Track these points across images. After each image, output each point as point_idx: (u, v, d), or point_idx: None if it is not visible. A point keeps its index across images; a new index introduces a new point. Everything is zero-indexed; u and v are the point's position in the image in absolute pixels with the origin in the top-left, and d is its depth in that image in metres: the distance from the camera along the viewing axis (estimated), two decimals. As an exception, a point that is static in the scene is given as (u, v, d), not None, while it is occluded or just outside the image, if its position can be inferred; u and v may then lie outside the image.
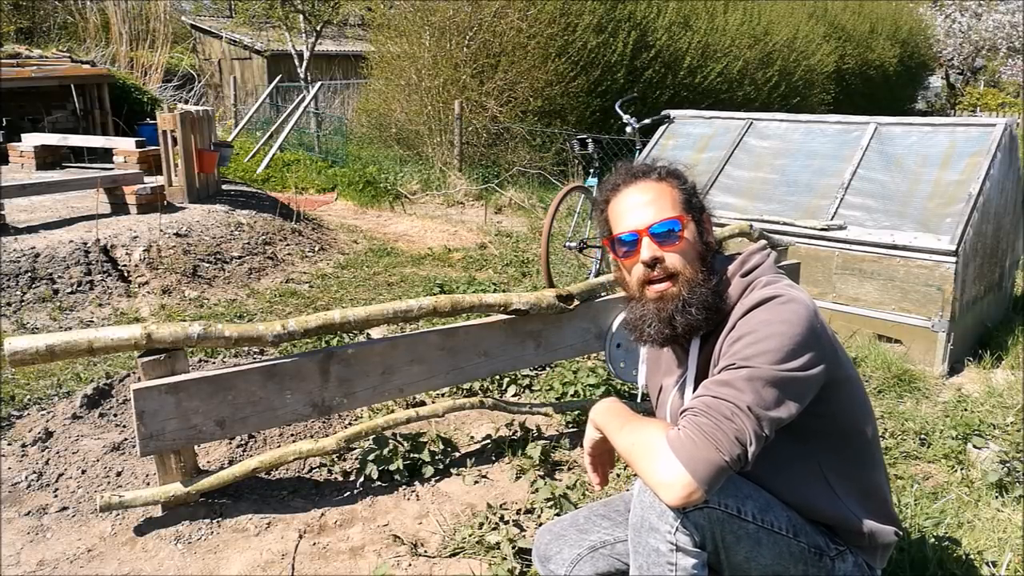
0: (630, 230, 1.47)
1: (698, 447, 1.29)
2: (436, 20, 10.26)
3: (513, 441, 2.83)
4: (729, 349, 1.38)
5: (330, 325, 2.36)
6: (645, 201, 1.48)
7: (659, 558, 1.38)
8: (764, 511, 1.43)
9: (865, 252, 4.15)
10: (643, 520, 1.41)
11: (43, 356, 2.05)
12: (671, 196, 1.49)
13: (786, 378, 1.33)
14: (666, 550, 1.37)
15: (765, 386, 1.32)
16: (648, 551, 1.40)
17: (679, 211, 1.47)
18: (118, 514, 2.31)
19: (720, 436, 1.29)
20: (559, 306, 2.74)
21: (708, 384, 1.37)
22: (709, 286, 1.45)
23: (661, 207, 1.47)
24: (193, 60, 19.07)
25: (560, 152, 9.75)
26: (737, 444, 1.29)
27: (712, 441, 1.29)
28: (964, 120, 4.51)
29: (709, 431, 1.30)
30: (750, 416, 1.30)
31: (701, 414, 1.32)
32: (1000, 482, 2.61)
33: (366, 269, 5.80)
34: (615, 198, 1.53)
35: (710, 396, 1.34)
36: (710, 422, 1.30)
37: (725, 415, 1.30)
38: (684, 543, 1.37)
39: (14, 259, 4.57)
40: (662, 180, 1.51)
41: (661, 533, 1.38)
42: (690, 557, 1.38)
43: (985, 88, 24.50)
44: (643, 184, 1.50)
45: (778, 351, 1.33)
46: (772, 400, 1.32)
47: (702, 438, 1.29)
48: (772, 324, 1.35)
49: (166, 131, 6.16)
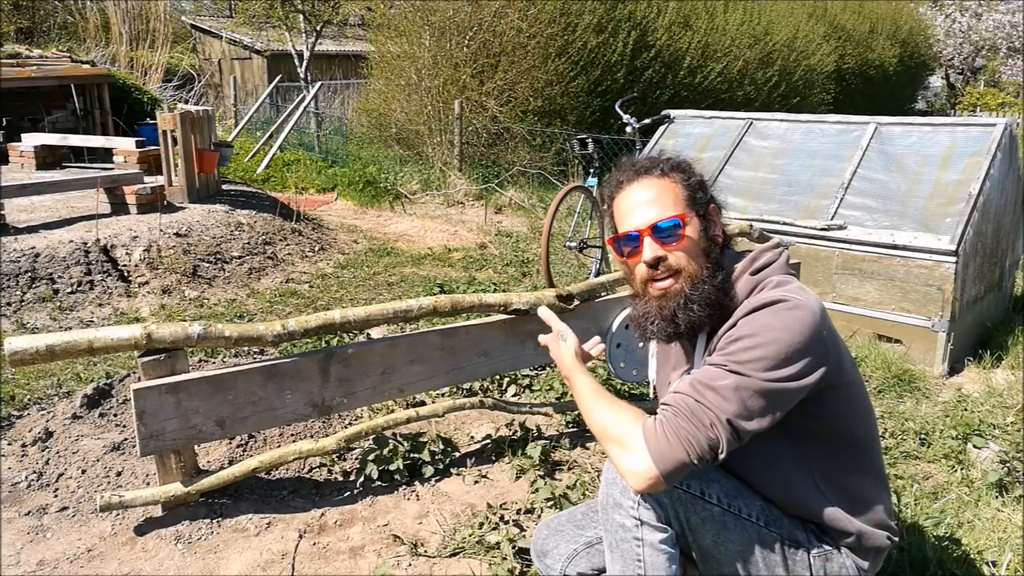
0: (632, 230, 1.47)
1: (672, 447, 1.31)
2: (436, 20, 10.26)
3: (513, 441, 2.83)
4: (726, 346, 1.38)
5: (330, 325, 2.36)
6: (647, 199, 1.47)
7: (625, 533, 1.42)
8: (732, 496, 1.45)
9: (865, 252, 4.15)
10: (608, 496, 1.45)
11: (43, 356, 2.05)
12: (674, 193, 1.48)
13: (775, 389, 1.32)
14: (631, 525, 1.41)
15: (752, 396, 1.32)
16: (615, 527, 1.43)
17: (682, 208, 1.46)
18: (118, 514, 2.31)
19: (694, 442, 1.31)
20: (559, 306, 2.74)
21: (695, 382, 1.37)
22: (714, 283, 1.44)
23: (663, 205, 1.46)
24: (193, 60, 19.07)
25: (560, 152, 9.74)
26: (709, 451, 1.32)
27: (685, 444, 1.31)
28: (964, 120, 4.51)
29: (684, 435, 1.31)
30: (728, 428, 1.32)
31: (681, 415, 1.33)
32: (1000, 482, 2.61)
33: (366, 269, 5.80)
34: (619, 195, 1.53)
35: (693, 399, 1.34)
36: (689, 427, 1.32)
37: (704, 424, 1.32)
38: (648, 518, 1.41)
39: (14, 259, 4.58)
40: (665, 176, 1.50)
41: (625, 509, 1.42)
42: (656, 532, 1.41)
43: (985, 88, 24.51)
44: (646, 181, 1.50)
45: (773, 359, 1.32)
46: (756, 410, 1.32)
47: (676, 441, 1.31)
48: (774, 330, 1.33)
49: (166, 131, 6.16)
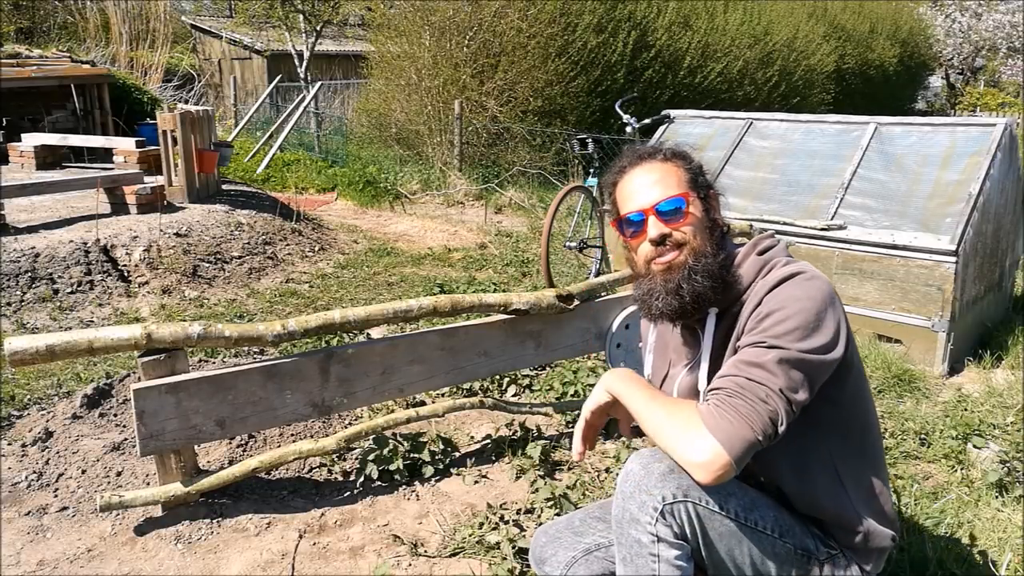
0: (637, 209, 1.50)
1: (735, 426, 1.31)
2: (436, 20, 10.26)
3: (513, 441, 2.83)
4: (757, 325, 1.40)
5: (330, 325, 2.36)
6: (651, 181, 1.50)
7: (641, 549, 1.39)
8: (748, 509, 1.43)
9: (865, 252, 4.15)
10: (624, 511, 1.41)
11: (43, 356, 2.05)
12: (677, 175, 1.51)
13: (813, 361, 1.36)
14: (648, 541, 1.38)
15: (792, 368, 1.35)
16: (631, 543, 1.40)
17: (685, 189, 1.50)
18: (118, 514, 2.31)
19: (755, 417, 1.31)
20: (559, 306, 2.74)
21: (738, 363, 1.38)
22: (717, 259, 1.47)
23: (667, 185, 1.49)
24: (193, 60, 19.07)
25: (560, 152, 9.74)
26: (771, 424, 1.32)
27: (748, 421, 1.31)
28: (964, 120, 4.51)
29: (745, 412, 1.32)
30: (782, 397, 1.33)
31: (736, 395, 1.34)
32: (1000, 482, 2.61)
33: (366, 269, 5.80)
34: (622, 180, 1.55)
35: (743, 377, 1.35)
36: (745, 403, 1.32)
37: (760, 397, 1.33)
38: (665, 534, 1.37)
39: (14, 259, 4.57)
40: (668, 160, 1.54)
41: (642, 524, 1.38)
42: (673, 548, 1.38)
43: (985, 88, 24.51)
44: (649, 164, 1.53)
45: (804, 328, 1.36)
46: (799, 382, 1.35)
47: (738, 418, 1.31)
48: (800, 300, 1.38)
49: (166, 131, 6.15)
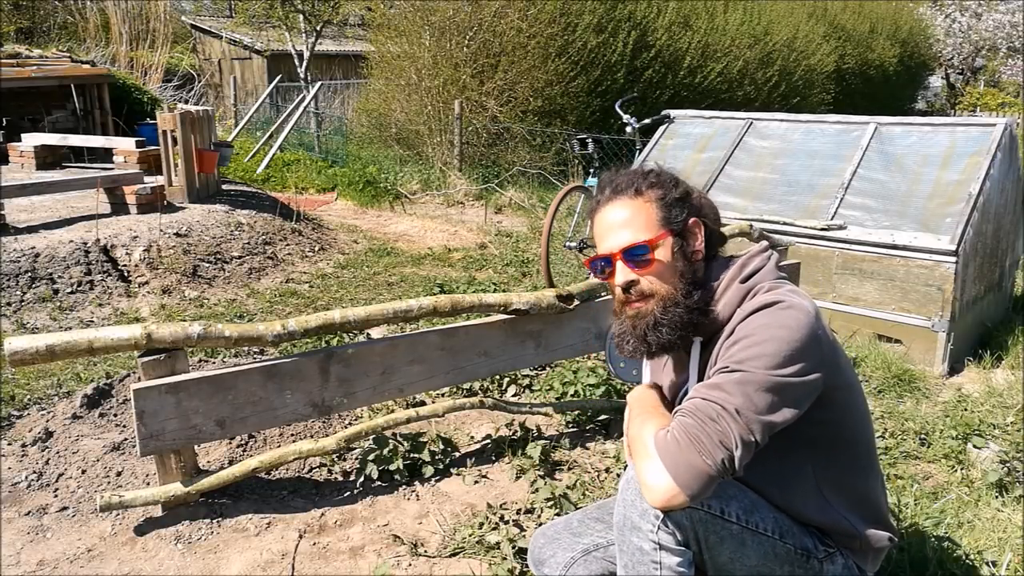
0: (606, 253, 1.48)
1: (681, 450, 1.29)
2: (436, 20, 10.26)
3: (513, 441, 2.83)
4: (725, 353, 1.38)
5: (330, 325, 2.36)
6: (620, 222, 1.47)
7: (643, 556, 1.39)
8: (749, 512, 1.43)
9: (865, 252, 4.15)
10: (626, 519, 1.41)
11: (43, 356, 2.05)
12: (647, 213, 1.46)
13: (780, 383, 1.31)
14: (649, 548, 1.38)
15: (757, 391, 1.30)
16: (632, 550, 1.40)
17: (655, 230, 1.45)
18: (118, 514, 2.31)
19: (703, 438, 1.28)
20: (559, 306, 2.74)
21: (700, 387, 1.37)
22: (688, 303, 1.43)
23: (636, 228, 1.45)
24: (193, 60, 19.07)
25: (560, 152, 9.74)
26: (721, 448, 1.28)
27: (695, 444, 1.28)
28: (964, 120, 4.52)
29: (692, 433, 1.29)
30: (736, 420, 1.29)
31: (688, 415, 1.33)
32: (1000, 482, 2.61)
33: (366, 269, 5.80)
34: (596, 215, 1.53)
35: (699, 398, 1.34)
36: (695, 423, 1.31)
37: (710, 416, 1.30)
38: (667, 542, 1.37)
39: (14, 259, 4.58)
40: (639, 195, 1.48)
41: (644, 532, 1.38)
42: (674, 556, 1.38)
43: (985, 88, 24.51)
44: (620, 202, 1.49)
45: (774, 356, 1.31)
46: (764, 405, 1.30)
47: (685, 440, 1.29)
48: (770, 328, 1.34)
49: (166, 131, 6.15)
